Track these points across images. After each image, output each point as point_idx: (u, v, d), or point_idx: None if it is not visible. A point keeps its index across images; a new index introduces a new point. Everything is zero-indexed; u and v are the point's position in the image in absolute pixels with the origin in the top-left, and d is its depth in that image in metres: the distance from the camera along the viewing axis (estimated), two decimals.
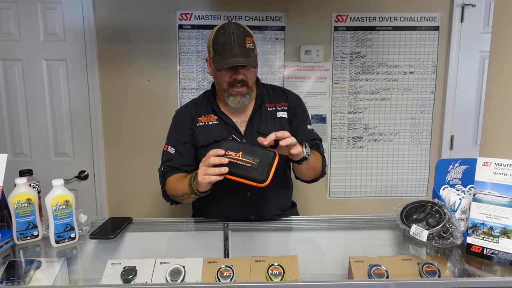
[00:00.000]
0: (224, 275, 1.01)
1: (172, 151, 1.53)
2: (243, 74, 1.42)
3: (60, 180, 1.24)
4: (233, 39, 1.37)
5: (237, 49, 1.37)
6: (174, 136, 1.56)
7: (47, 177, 1.36)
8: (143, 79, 2.39)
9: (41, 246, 1.25)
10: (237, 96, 1.45)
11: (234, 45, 1.37)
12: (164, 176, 1.51)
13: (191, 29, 2.35)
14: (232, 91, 1.45)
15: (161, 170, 1.54)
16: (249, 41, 1.40)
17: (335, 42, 2.40)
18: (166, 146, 1.56)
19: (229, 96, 1.46)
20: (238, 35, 1.38)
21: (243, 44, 1.38)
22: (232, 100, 1.46)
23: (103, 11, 2.32)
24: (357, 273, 1.04)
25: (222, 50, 1.39)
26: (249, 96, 1.48)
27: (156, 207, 2.49)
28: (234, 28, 1.40)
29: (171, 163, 1.52)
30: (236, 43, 1.37)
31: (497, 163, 1.10)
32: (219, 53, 1.39)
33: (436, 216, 1.18)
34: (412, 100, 2.47)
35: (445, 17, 2.39)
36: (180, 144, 1.53)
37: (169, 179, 1.48)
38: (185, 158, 1.53)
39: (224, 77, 1.44)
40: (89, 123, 2.40)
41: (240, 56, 1.37)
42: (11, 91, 2.35)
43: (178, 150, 1.53)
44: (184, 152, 1.53)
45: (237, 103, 1.46)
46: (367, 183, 2.54)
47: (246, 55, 1.38)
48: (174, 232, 1.45)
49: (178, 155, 1.52)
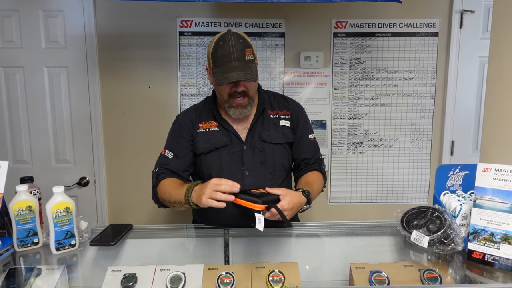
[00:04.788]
0: (225, 282, 1.01)
1: (169, 155, 1.52)
2: (243, 86, 1.42)
3: (61, 187, 1.24)
4: (233, 52, 1.37)
5: (236, 62, 1.37)
6: (172, 141, 1.56)
7: (47, 184, 1.36)
8: (144, 86, 2.40)
9: (41, 253, 1.25)
10: (238, 108, 1.45)
11: (234, 58, 1.37)
12: (158, 177, 1.50)
13: (191, 36, 2.36)
14: (233, 103, 1.45)
15: (155, 171, 1.52)
16: (249, 52, 1.40)
17: (334, 48, 2.41)
18: (164, 150, 1.55)
19: (230, 107, 1.46)
20: (237, 47, 1.38)
21: (242, 56, 1.38)
22: (233, 111, 1.46)
23: (104, 19, 2.34)
24: (358, 280, 1.04)
25: (221, 63, 1.38)
26: (250, 107, 1.49)
27: (157, 213, 2.49)
28: (233, 40, 1.38)
29: (167, 166, 1.51)
30: (236, 56, 1.37)
31: (497, 169, 1.10)
32: (218, 66, 1.39)
33: (437, 222, 1.18)
34: (412, 105, 2.47)
35: (444, 23, 2.41)
36: (178, 149, 1.53)
37: (164, 182, 1.46)
38: (182, 163, 1.52)
39: (225, 89, 1.44)
40: (90, 129, 2.41)
41: (239, 69, 1.37)
42: (13, 98, 2.36)
43: (176, 155, 1.52)
44: (182, 157, 1.52)
45: (238, 115, 1.47)
46: (367, 188, 2.54)
47: (245, 68, 1.38)
48: (175, 239, 1.45)
49: (176, 159, 1.52)
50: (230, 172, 1.50)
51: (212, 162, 1.51)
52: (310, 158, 1.59)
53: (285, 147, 1.56)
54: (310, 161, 1.59)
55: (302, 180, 1.53)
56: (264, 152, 1.52)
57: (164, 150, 1.56)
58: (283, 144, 1.55)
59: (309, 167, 1.59)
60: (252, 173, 1.51)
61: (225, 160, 1.51)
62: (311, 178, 1.52)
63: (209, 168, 1.52)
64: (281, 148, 1.55)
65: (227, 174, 1.50)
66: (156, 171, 1.52)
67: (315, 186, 1.47)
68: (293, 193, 1.26)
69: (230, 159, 1.51)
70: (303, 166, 1.60)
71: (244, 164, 1.51)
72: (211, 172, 1.52)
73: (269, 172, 1.53)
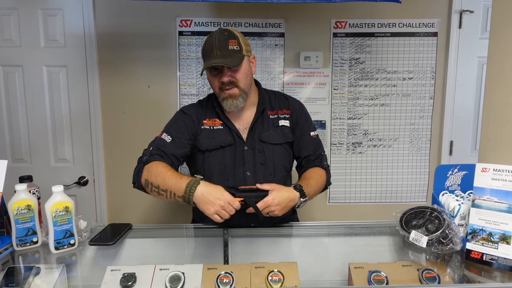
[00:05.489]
0: (224, 282, 1.01)
1: (167, 139, 1.46)
2: (229, 76, 1.42)
3: (60, 187, 1.24)
4: (215, 43, 1.40)
5: (218, 52, 1.39)
6: (173, 127, 1.50)
7: (47, 183, 1.36)
8: (143, 85, 2.40)
9: (40, 253, 1.25)
10: (229, 98, 1.44)
11: (216, 48, 1.40)
12: (150, 156, 1.41)
13: (191, 36, 2.36)
14: (223, 94, 1.45)
15: (148, 150, 1.44)
16: (233, 43, 1.41)
17: (334, 48, 2.41)
18: (161, 133, 1.49)
19: (222, 100, 1.46)
20: (220, 38, 1.41)
21: (224, 46, 1.40)
22: (225, 103, 1.46)
23: (104, 18, 2.33)
24: (357, 279, 1.04)
25: (206, 55, 1.43)
26: (242, 98, 1.46)
27: (156, 213, 2.49)
28: (218, 33, 1.43)
29: (163, 149, 1.43)
30: (217, 46, 1.40)
31: (495, 169, 1.11)
32: (205, 59, 1.44)
33: (436, 222, 1.18)
34: (411, 105, 2.47)
35: (443, 23, 2.41)
36: (178, 136, 1.47)
37: (157, 164, 1.37)
38: (179, 151, 1.46)
39: (214, 82, 1.46)
40: (89, 128, 2.41)
41: (220, 57, 1.39)
42: (12, 97, 2.36)
43: (175, 140, 1.46)
44: (180, 146, 1.47)
45: (230, 106, 1.45)
46: (366, 188, 2.54)
47: (226, 56, 1.39)
48: (174, 238, 1.45)
49: (173, 144, 1.45)
50: (232, 171, 1.50)
51: (216, 161, 1.51)
52: (312, 155, 1.58)
53: (285, 147, 1.56)
54: (312, 158, 1.58)
55: (301, 177, 1.53)
56: (264, 152, 1.52)
57: (161, 133, 1.49)
58: (282, 144, 1.55)
59: (310, 164, 1.57)
60: (253, 173, 1.51)
61: (228, 160, 1.50)
62: (309, 173, 1.51)
63: (212, 166, 1.51)
64: (280, 149, 1.55)
65: (230, 174, 1.50)
66: (150, 150, 1.43)
67: (312, 180, 1.46)
68: (282, 189, 1.30)
69: (233, 159, 1.51)
70: (305, 163, 1.59)
71: (245, 165, 1.51)
72: (213, 170, 1.51)
73: (269, 172, 1.53)
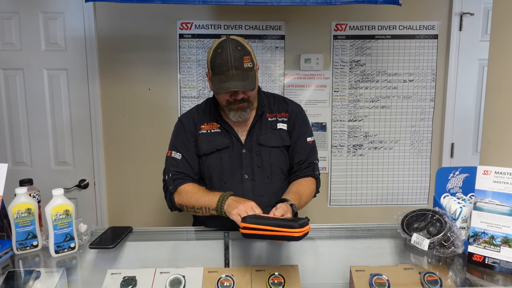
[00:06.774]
0: (225, 285, 1.01)
1: (178, 156, 1.50)
2: (242, 93, 1.42)
3: (60, 190, 1.24)
4: (230, 61, 1.36)
5: (234, 71, 1.37)
6: (179, 142, 1.54)
7: (47, 186, 1.36)
8: (144, 88, 2.40)
9: (40, 256, 1.24)
10: (238, 111, 1.45)
11: (231, 66, 1.36)
12: (174, 182, 1.47)
13: (191, 38, 2.37)
14: (232, 107, 1.45)
15: (170, 177, 1.49)
16: (247, 59, 1.39)
17: (334, 50, 2.41)
18: (170, 152, 1.53)
19: (230, 110, 1.46)
20: (235, 55, 1.37)
21: (240, 65, 1.37)
22: (233, 114, 1.46)
23: (104, 21, 2.34)
24: (358, 283, 1.04)
25: (219, 71, 1.38)
26: (249, 109, 1.49)
27: (157, 216, 2.48)
28: (231, 47, 1.37)
29: (180, 169, 1.49)
30: (233, 64, 1.36)
31: (497, 172, 1.10)
32: (217, 74, 1.39)
33: (437, 224, 1.18)
34: (412, 108, 2.47)
35: (444, 25, 2.41)
36: (186, 151, 1.51)
37: (185, 187, 1.45)
38: (193, 166, 1.51)
39: (224, 97, 1.44)
40: (90, 131, 2.41)
41: (237, 78, 1.36)
42: (12, 100, 2.36)
43: (185, 156, 1.51)
44: (191, 159, 1.51)
45: (238, 117, 1.47)
46: (367, 191, 2.53)
47: (243, 77, 1.37)
48: (174, 242, 1.45)
49: (185, 161, 1.50)
50: (230, 174, 1.50)
51: (213, 164, 1.51)
52: (304, 161, 1.56)
53: (282, 150, 1.55)
54: (304, 164, 1.56)
55: (292, 188, 1.50)
56: (261, 155, 1.52)
57: (169, 151, 1.53)
58: (280, 147, 1.54)
59: (301, 172, 1.56)
60: (251, 176, 1.51)
61: (226, 163, 1.51)
62: (302, 188, 1.50)
63: (210, 170, 1.52)
64: (278, 152, 1.54)
65: (228, 177, 1.50)
66: (170, 176, 1.49)
67: (304, 196, 1.47)
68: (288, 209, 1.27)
69: (231, 162, 1.51)
70: (296, 169, 1.57)
71: (243, 168, 1.51)
72: (212, 174, 1.52)
73: (267, 175, 1.52)
